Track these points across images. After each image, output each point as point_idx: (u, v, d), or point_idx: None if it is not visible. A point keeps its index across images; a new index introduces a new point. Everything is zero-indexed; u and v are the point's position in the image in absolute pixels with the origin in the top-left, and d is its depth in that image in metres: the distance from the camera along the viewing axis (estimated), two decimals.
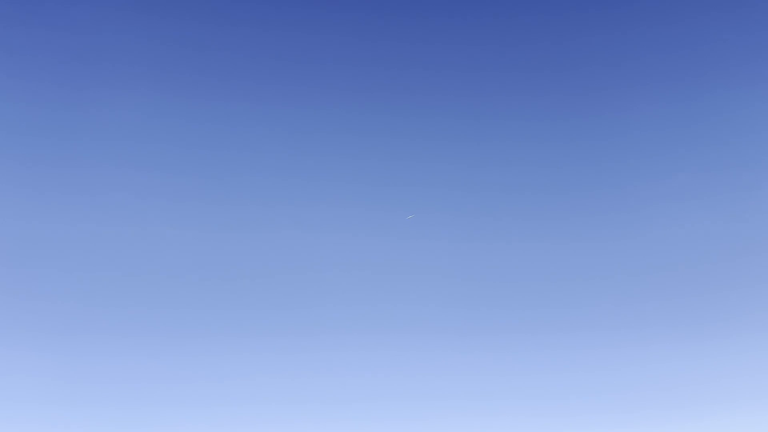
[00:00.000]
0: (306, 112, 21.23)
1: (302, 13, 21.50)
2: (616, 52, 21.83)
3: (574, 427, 18.42)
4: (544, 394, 18.69)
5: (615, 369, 18.90)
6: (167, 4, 21.44)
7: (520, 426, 18.33)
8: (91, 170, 19.78)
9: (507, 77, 21.67)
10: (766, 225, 20.13)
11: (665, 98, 21.62)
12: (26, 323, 18.38)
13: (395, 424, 18.14)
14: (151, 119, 20.71)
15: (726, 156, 21.17)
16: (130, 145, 20.17)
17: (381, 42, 21.59)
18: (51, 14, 20.49)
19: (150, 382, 18.21)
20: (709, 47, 21.86)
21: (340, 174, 20.77)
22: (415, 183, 21.02)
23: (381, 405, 18.42)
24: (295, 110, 21.23)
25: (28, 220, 19.29)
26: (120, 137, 20.27)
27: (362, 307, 19.37)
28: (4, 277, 18.79)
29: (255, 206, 20.23)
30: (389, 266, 19.92)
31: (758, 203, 20.49)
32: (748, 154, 21.00)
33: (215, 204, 20.16)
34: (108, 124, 20.34)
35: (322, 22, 21.41)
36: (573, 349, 19.19)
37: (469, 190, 20.98)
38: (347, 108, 21.27)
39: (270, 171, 20.68)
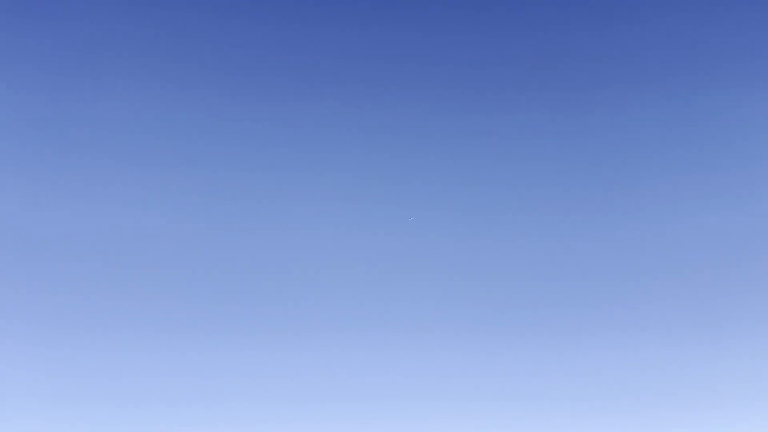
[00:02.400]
0: (305, 108, 21.19)
1: (299, 8, 21.43)
2: (625, 47, 21.77)
3: (575, 428, 18.44)
4: (545, 394, 18.67)
5: (618, 370, 18.86)
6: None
7: (521, 426, 18.35)
8: (86, 164, 19.74)
9: (513, 72, 21.59)
10: None
11: (671, 96, 21.57)
12: (22, 318, 18.37)
13: (395, 424, 18.16)
14: (149, 113, 20.67)
15: (731, 156, 21.15)
16: (127, 139, 20.15)
17: (381, 36, 21.53)
18: (49, 5, 20.43)
19: (147, 378, 18.24)
20: (715, 45, 21.83)
21: (339, 170, 20.71)
22: (416, 180, 20.95)
23: (381, 405, 18.43)
24: (295, 105, 21.19)
25: (24, 214, 19.26)
26: (118, 131, 20.26)
27: (363, 306, 19.35)
28: (1, 272, 18.81)
29: (254, 202, 20.18)
30: (390, 264, 19.87)
31: (763, 204, 20.49)
32: (756, 154, 21.00)
33: (214, 200, 20.11)
34: (106, 118, 20.34)
35: (318, 17, 21.35)
36: (576, 349, 19.15)
37: (471, 187, 20.92)
38: (347, 103, 21.18)
39: (269, 167, 20.65)
